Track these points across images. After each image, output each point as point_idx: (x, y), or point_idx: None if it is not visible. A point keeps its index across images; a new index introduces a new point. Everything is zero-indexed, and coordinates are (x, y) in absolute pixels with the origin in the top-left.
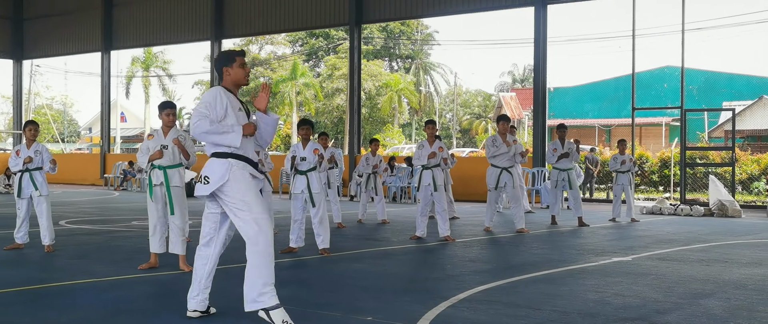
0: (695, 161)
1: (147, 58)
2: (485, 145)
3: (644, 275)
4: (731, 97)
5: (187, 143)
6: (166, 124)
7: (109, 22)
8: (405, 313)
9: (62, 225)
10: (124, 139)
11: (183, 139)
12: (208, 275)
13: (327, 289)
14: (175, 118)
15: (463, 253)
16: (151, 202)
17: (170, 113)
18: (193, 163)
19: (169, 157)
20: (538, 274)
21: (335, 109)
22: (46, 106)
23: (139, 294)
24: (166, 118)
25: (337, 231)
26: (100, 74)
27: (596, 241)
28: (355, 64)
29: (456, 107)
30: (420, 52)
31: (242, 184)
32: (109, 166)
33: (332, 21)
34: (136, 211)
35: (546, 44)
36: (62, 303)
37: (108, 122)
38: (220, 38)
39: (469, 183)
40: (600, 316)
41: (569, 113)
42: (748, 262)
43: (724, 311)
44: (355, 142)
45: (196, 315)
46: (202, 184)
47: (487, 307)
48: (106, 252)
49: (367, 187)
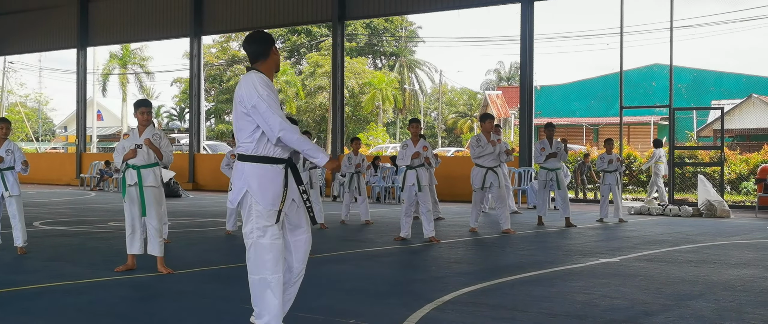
0: (684, 161)
1: (124, 55)
2: (469, 145)
3: (632, 276)
4: (720, 95)
5: (161, 143)
6: (141, 123)
7: (85, 17)
8: (389, 315)
9: (36, 226)
10: (101, 138)
11: (158, 139)
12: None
13: (309, 292)
14: (151, 116)
15: (448, 255)
16: (126, 203)
17: (145, 112)
18: (169, 162)
19: (143, 157)
20: (525, 276)
21: (317, 108)
22: (19, 104)
23: (116, 297)
24: (140, 116)
25: (320, 232)
26: (75, 71)
27: (584, 242)
28: (337, 61)
29: (441, 106)
30: (404, 50)
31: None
32: (86, 165)
33: (315, 17)
34: (112, 212)
35: (533, 41)
36: (36, 306)
37: (84, 121)
38: (200, 35)
39: (455, 183)
40: (587, 318)
41: (556, 112)
42: (737, 263)
43: (712, 313)
44: (337, 141)
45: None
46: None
47: (473, 309)
48: (82, 254)
49: (350, 188)
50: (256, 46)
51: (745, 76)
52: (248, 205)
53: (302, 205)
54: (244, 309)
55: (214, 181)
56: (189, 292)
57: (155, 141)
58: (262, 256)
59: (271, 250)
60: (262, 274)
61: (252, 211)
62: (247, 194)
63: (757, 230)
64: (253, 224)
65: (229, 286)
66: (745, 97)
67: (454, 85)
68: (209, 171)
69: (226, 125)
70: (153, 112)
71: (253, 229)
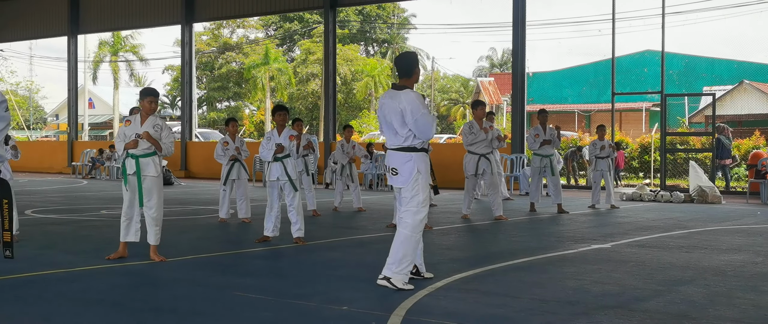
0: (675, 147)
1: (115, 43)
2: (462, 132)
3: (624, 262)
4: (712, 81)
5: (163, 133)
6: (146, 111)
7: (75, 5)
8: (381, 302)
9: (28, 214)
10: (92, 125)
11: (160, 129)
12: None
13: (302, 279)
14: (157, 106)
15: (441, 241)
16: (125, 190)
17: (152, 101)
18: (169, 153)
19: (143, 146)
20: (517, 262)
21: (310, 95)
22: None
23: (108, 285)
24: (148, 105)
25: (313, 219)
26: (66, 59)
27: (575, 228)
28: (330, 48)
29: (433, 92)
30: (397, 37)
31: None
32: (77, 153)
33: (306, 4)
34: (104, 200)
35: (525, 28)
36: (27, 295)
37: (75, 109)
38: (191, 22)
39: (447, 170)
40: (579, 304)
41: (548, 98)
42: (728, 248)
43: (703, 298)
44: (330, 129)
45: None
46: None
47: (465, 295)
48: (74, 242)
49: (342, 175)
50: (407, 64)
51: (736, 62)
52: (418, 181)
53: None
54: (237, 297)
55: (206, 168)
56: (182, 279)
57: (157, 130)
58: (423, 221)
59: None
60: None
61: (421, 185)
62: (418, 174)
63: (747, 215)
64: (425, 195)
65: (222, 273)
66: (736, 83)
67: (447, 71)
68: (201, 159)
69: (218, 113)
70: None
71: (426, 199)
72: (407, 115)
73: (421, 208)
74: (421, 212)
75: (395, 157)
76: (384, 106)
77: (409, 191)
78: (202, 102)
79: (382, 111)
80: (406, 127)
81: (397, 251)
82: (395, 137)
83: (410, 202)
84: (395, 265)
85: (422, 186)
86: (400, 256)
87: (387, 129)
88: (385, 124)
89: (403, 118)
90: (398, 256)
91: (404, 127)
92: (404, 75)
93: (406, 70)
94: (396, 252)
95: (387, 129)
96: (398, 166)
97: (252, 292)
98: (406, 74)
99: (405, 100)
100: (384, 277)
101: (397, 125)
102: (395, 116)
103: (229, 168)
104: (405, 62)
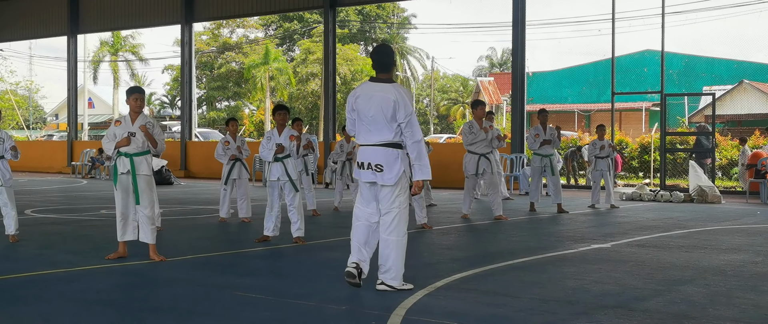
0: (675, 146)
1: (115, 42)
2: (462, 132)
3: (624, 262)
4: (711, 81)
5: (155, 131)
6: (134, 110)
7: (75, 4)
8: (381, 301)
9: (28, 214)
10: (92, 125)
11: (151, 127)
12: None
13: (302, 279)
14: (144, 103)
15: (441, 241)
16: (117, 190)
17: (138, 98)
18: (162, 150)
19: (137, 145)
20: (517, 262)
21: (309, 95)
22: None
23: (108, 284)
24: (133, 103)
25: (312, 219)
26: (66, 59)
27: (575, 227)
28: (329, 48)
29: (433, 92)
30: (397, 36)
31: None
32: (77, 153)
33: (306, 3)
34: (104, 200)
35: (525, 28)
36: (27, 294)
37: (75, 108)
38: (191, 22)
39: (447, 170)
40: (579, 304)
41: (548, 98)
42: (728, 248)
43: (703, 298)
44: (330, 129)
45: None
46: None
47: (465, 295)
48: (74, 242)
49: (342, 174)
50: (387, 58)
51: (736, 62)
52: (402, 180)
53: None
54: (236, 296)
55: (205, 168)
56: (181, 279)
57: (150, 128)
58: (406, 219)
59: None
60: (403, 234)
61: (404, 184)
62: (404, 174)
63: (747, 215)
64: (407, 194)
65: (222, 273)
66: (736, 83)
67: (446, 71)
68: (201, 158)
69: (218, 112)
70: (145, 100)
71: (407, 197)
72: (400, 111)
73: (405, 210)
74: (404, 213)
75: (381, 153)
76: (369, 99)
77: (393, 190)
78: (201, 102)
79: (366, 104)
80: (395, 121)
81: (395, 259)
82: (381, 133)
83: (393, 201)
84: (393, 273)
85: (405, 185)
86: (399, 264)
87: (369, 123)
88: (366, 119)
89: (396, 112)
90: (397, 264)
91: (394, 121)
92: (384, 69)
93: (386, 63)
94: (394, 260)
95: (369, 123)
96: (385, 163)
97: (252, 291)
98: (386, 68)
99: (398, 93)
100: (382, 283)
101: (387, 119)
102: (386, 109)
103: (230, 167)
104: (384, 55)
